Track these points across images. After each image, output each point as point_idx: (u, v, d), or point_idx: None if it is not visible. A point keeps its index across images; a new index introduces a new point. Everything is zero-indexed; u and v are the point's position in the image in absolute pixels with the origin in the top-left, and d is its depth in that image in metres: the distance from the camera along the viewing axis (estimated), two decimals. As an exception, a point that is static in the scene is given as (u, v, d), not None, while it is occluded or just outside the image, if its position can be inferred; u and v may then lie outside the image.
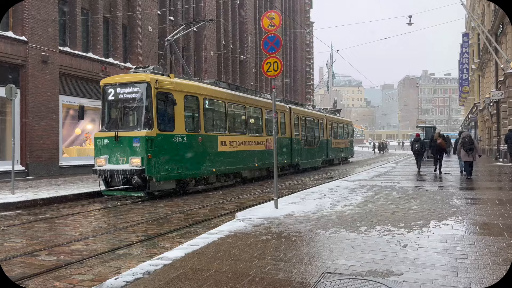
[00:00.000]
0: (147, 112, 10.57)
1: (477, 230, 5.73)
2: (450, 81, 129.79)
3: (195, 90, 12.13)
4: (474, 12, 34.03)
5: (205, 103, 12.57)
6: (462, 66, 41.61)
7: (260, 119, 16.41)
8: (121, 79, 11.22)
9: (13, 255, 5.47)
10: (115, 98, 11.11)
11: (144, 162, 10.20)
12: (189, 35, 27.43)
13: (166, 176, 10.77)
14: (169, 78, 11.27)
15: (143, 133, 10.30)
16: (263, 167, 16.16)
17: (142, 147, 10.23)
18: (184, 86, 11.67)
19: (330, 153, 25.18)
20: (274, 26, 8.07)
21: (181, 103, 11.30)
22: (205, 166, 12.26)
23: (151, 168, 10.29)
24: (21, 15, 16.56)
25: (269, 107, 16.59)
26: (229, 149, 13.60)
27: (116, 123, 11.14)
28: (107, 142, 10.79)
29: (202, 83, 13.05)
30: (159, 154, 10.53)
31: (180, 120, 11.24)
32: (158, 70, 11.45)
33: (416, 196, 9.20)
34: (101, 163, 10.82)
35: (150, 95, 10.53)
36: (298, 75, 52.19)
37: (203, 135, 12.18)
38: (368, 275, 3.86)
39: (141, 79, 10.69)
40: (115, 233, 6.78)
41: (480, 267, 4.04)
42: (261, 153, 15.93)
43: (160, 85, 10.68)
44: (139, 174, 10.22)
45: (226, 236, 5.51)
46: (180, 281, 3.78)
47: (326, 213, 7.18)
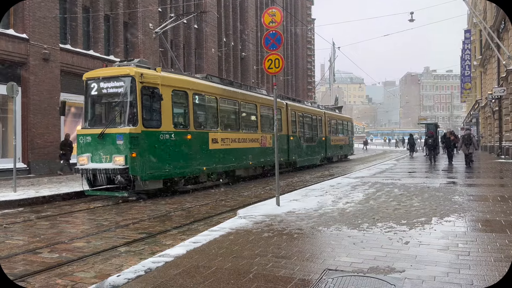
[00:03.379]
0: (132, 107, 10.10)
1: (479, 227, 5.72)
2: (452, 78, 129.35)
3: (184, 85, 11.61)
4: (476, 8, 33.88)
5: (195, 99, 12.07)
6: (464, 62, 41.49)
7: (255, 115, 15.89)
8: (104, 72, 10.70)
9: (15, 252, 5.49)
10: (98, 93, 10.61)
11: (128, 160, 9.73)
12: (190, 33, 27.40)
13: (152, 175, 10.30)
14: (155, 71, 10.79)
15: (127, 130, 9.84)
16: (258, 165, 15.74)
17: (126, 145, 9.77)
18: (171, 80, 11.14)
19: (329, 150, 24.68)
20: (275, 23, 8.04)
21: (168, 98, 10.82)
22: (194, 164, 11.73)
23: (135, 167, 9.83)
24: (22, 13, 16.55)
25: (264, 102, 16.23)
26: (221, 146, 13.09)
27: (99, 119, 10.70)
28: (89, 140, 10.30)
29: (191, 77, 12.54)
30: (144, 152, 10.07)
31: (167, 116, 10.75)
32: (144, 63, 11.00)
33: (417, 193, 9.19)
34: (83, 162, 10.32)
35: (134, 90, 10.05)
36: (299, 72, 52.09)
37: (192, 132, 11.64)
38: (370, 272, 3.86)
39: (125, 73, 10.22)
40: (117, 231, 6.79)
41: (482, 264, 4.03)
42: (256, 151, 15.46)
43: (146, 79, 10.18)
44: (123, 173, 9.77)
45: (228, 233, 5.51)
46: (181, 278, 3.79)
47: (327, 210, 7.18)
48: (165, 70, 11.42)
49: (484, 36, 27.73)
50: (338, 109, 30.90)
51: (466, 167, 17.07)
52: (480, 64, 34.82)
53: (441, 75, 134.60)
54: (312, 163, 21.83)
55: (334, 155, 26.17)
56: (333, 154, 25.70)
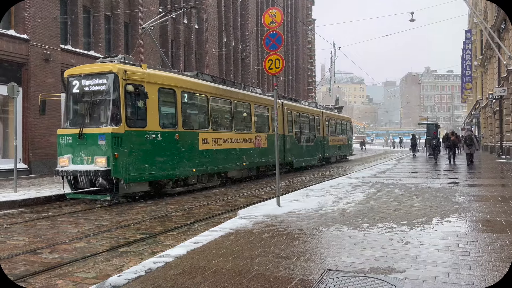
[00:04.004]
0: (114, 106, 9.61)
1: (479, 227, 5.72)
2: (453, 78, 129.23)
3: (171, 82, 11.10)
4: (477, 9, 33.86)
5: (184, 97, 11.57)
6: (465, 62, 41.47)
7: (249, 114, 15.36)
8: (86, 69, 10.23)
9: (16, 253, 5.49)
10: (79, 91, 10.10)
11: (110, 162, 9.26)
12: (191, 33, 27.40)
13: (136, 177, 9.83)
14: (140, 68, 10.27)
15: (109, 130, 9.36)
16: (252, 166, 15.30)
17: (108, 145, 9.30)
18: (158, 78, 10.65)
19: (327, 151, 24.24)
20: (275, 23, 8.05)
21: (154, 96, 10.35)
22: (183, 166, 11.25)
23: (118, 169, 9.37)
24: (23, 14, 16.58)
25: (258, 101, 15.83)
26: (212, 147, 12.57)
27: (81, 118, 10.14)
28: (70, 140, 9.84)
29: (180, 75, 11.97)
30: (128, 153, 9.60)
31: (153, 115, 10.27)
32: (129, 59, 10.51)
33: (418, 193, 9.19)
34: (64, 163, 9.84)
35: (117, 87, 9.56)
36: (300, 72, 52.09)
37: (180, 132, 11.14)
38: (370, 272, 3.86)
39: (107, 70, 9.75)
40: (118, 231, 6.79)
41: (482, 264, 4.03)
42: (250, 152, 14.97)
43: (130, 76, 9.70)
44: (105, 175, 9.29)
45: (228, 234, 5.51)
46: (182, 279, 3.79)
47: (328, 210, 7.18)
48: (151, 67, 11.00)
49: (484, 36, 27.72)
50: (338, 109, 30.86)
51: (468, 166, 17.55)
52: (480, 64, 34.79)
53: (442, 75, 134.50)
54: (310, 164, 21.41)
55: (333, 155, 25.79)
56: (331, 154, 25.31)
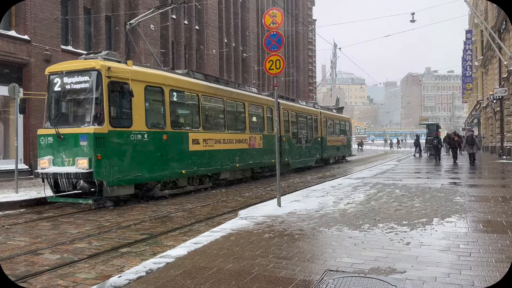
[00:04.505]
0: (97, 105, 9.17)
1: (480, 227, 5.72)
2: (453, 78, 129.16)
3: (159, 80, 10.65)
4: (477, 9, 33.84)
5: (172, 96, 11.10)
6: (465, 63, 41.45)
7: (243, 114, 14.84)
8: (68, 66, 9.80)
9: (17, 253, 5.50)
10: (61, 89, 9.66)
11: (92, 164, 8.83)
12: (191, 33, 27.42)
13: (121, 180, 9.39)
14: (125, 65, 9.84)
15: (91, 130, 8.92)
16: (246, 167, 14.80)
17: (90, 146, 8.87)
18: (144, 75, 10.21)
19: (325, 151, 23.70)
20: (276, 24, 8.06)
21: (140, 95, 9.91)
22: (172, 167, 10.82)
23: (101, 171, 8.94)
24: (24, 14, 16.60)
25: (253, 101, 15.44)
26: (203, 148, 12.10)
27: (62, 118, 9.76)
28: (51, 141, 9.42)
29: (168, 73, 11.50)
30: (112, 155, 9.18)
31: (139, 114, 9.82)
32: (114, 56, 10.11)
33: (419, 193, 9.18)
34: (44, 165, 9.40)
35: (100, 85, 9.15)
36: (300, 73, 52.08)
37: (169, 132, 10.71)
38: (370, 272, 3.86)
39: (89, 67, 9.31)
40: (118, 231, 6.80)
41: (483, 264, 4.03)
42: (244, 152, 14.50)
43: (114, 73, 9.27)
44: (86, 178, 8.87)
45: (229, 234, 5.52)
46: (183, 279, 3.79)
47: (328, 211, 7.18)
48: (137, 64, 10.61)
49: (485, 36, 27.72)
50: (339, 109, 30.79)
51: (470, 166, 18.27)
52: (481, 64, 34.78)
53: (443, 75, 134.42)
54: (307, 165, 20.94)
55: (331, 156, 25.33)
56: (329, 155, 24.83)
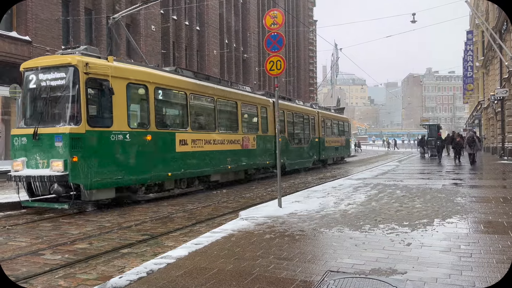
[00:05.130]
0: (74, 103, 8.61)
1: (481, 228, 5.71)
2: (454, 79, 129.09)
3: (143, 77, 10.08)
4: (478, 9, 33.82)
5: (158, 94, 10.58)
6: (466, 63, 41.43)
7: (235, 114, 14.24)
8: (43, 62, 9.21)
9: (18, 254, 5.50)
10: (36, 86, 9.10)
11: (67, 166, 8.28)
12: (192, 34, 27.45)
13: (100, 183, 8.86)
14: (105, 61, 9.27)
15: (67, 130, 8.37)
16: (239, 169, 14.27)
17: (65, 147, 8.32)
18: (126, 72, 9.65)
19: (323, 152, 23.06)
20: (277, 25, 8.07)
21: (122, 92, 9.38)
22: (156, 169, 10.31)
23: (77, 174, 8.39)
24: (25, 15, 16.64)
25: (246, 100, 14.90)
26: (191, 149, 11.55)
27: (38, 117, 9.06)
28: (25, 141, 8.88)
29: (153, 69, 10.89)
30: (90, 156, 8.64)
31: (120, 113, 9.29)
32: (93, 51, 9.56)
33: (420, 194, 9.18)
34: (18, 168, 8.86)
35: (77, 82, 8.59)
36: (301, 74, 52.10)
37: (153, 132, 10.18)
38: (371, 273, 3.86)
39: (65, 62, 8.75)
40: (119, 232, 6.80)
41: (484, 265, 4.02)
42: (237, 153, 13.94)
43: (92, 69, 8.73)
44: (61, 181, 8.31)
45: (230, 235, 5.52)
46: (183, 280, 3.79)
47: (329, 211, 7.18)
48: (118, 60, 10.05)
49: (486, 37, 27.71)
50: (340, 110, 30.76)
51: (470, 166, 18.63)
52: (482, 65, 34.75)
53: (443, 76, 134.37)
54: (304, 166, 20.29)
55: (329, 157, 24.72)
56: (328, 156, 24.21)
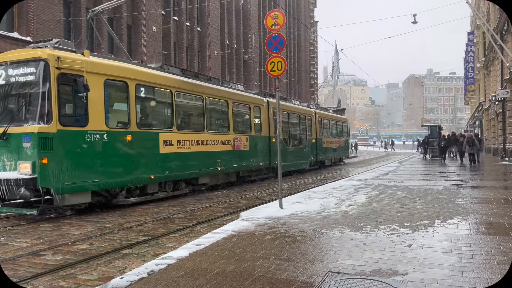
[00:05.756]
0: (44, 100, 7.94)
1: (482, 229, 5.71)
2: (456, 80, 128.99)
3: (122, 73, 9.44)
4: (479, 10, 33.80)
5: (139, 91, 10.01)
6: (468, 64, 41.38)
7: (226, 113, 13.63)
8: (12, 56, 8.58)
9: (19, 254, 5.51)
10: (5, 82, 8.43)
11: (36, 168, 7.63)
12: (193, 35, 27.48)
13: (73, 186, 8.21)
14: (80, 55, 8.61)
15: (35, 129, 7.70)
16: (230, 171, 13.63)
17: (34, 148, 7.67)
18: (103, 67, 9.00)
19: (321, 153, 22.41)
20: (278, 26, 8.08)
21: (99, 89, 8.78)
22: (138, 172, 9.69)
23: (47, 177, 7.73)
24: (26, 16, 16.67)
25: (238, 99, 14.31)
26: (177, 150, 10.99)
27: (6, 115, 8.40)
28: None
29: (135, 65, 10.29)
30: (62, 158, 8.00)
31: (97, 112, 8.67)
32: (67, 45, 8.87)
33: (421, 195, 9.17)
34: None
35: (47, 77, 7.94)
36: (302, 75, 52.13)
37: (134, 132, 9.56)
38: (372, 274, 3.85)
39: (35, 56, 8.10)
40: (120, 233, 6.81)
41: (485, 266, 4.02)
42: (227, 155, 13.31)
43: (64, 64, 8.08)
44: (29, 184, 7.63)
45: (231, 236, 5.52)
46: (184, 281, 3.80)
47: (330, 212, 7.17)
48: (97, 55, 9.55)
49: (487, 38, 27.68)
50: (341, 111, 30.73)
51: (470, 166, 19.39)
52: (483, 66, 34.73)
53: (445, 77, 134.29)
54: (300, 168, 19.52)
55: (327, 158, 24.05)
56: (325, 157, 23.53)
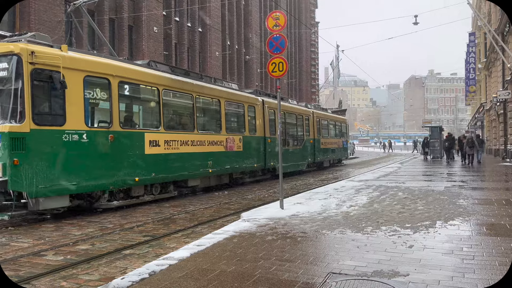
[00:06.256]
0: (16, 97, 7.41)
1: (484, 230, 5.70)
2: (457, 81, 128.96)
3: (104, 70, 8.92)
4: (481, 11, 33.78)
5: (123, 89, 9.49)
6: (469, 65, 41.35)
7: (218, 112, 13.11)
8: None
9: (20, 254, 5.52)
10: None
11: (7, 170, 7.15)
12: (194, 36, 27.51)
13: (49, 190, 7.68)
14: (57, 50, 8.08)
15: (6, 128, 7.22)
16: (222, 173, 13.11)
17: (5, 149, 7.19)
18: (83, 63, 8.47)
19: (318, 154, 21.90)
20: (279, 27, 8.09)
21: (78, 86, 8.26)
22: (121, 174, 9.14)
23: (18, 179, 7.24)
24: (28, 17, 16.70)
25: (231, 98, 13.78)
26: (164, 151, 10.46)
27: None
28: None
29: (118, 61, 9.71)
30: (36, 159, 7.50)
31: (75, 110, 8.14)
32: (43, 39, 8.29)
33: (422, 196, 9.16)
34: None
35: (21, 73, 7.43)
36: (303, 75, 52.14)
37: (116, 132, 9.02)
38: (373, 275, 3.85)
39: (7, 50, 7.57)
40: (121, 233, 6.81)
41: (487, 268, 4.02)
42: (219, 156, 12.75)
43: (39, 59, 7.58)
44: None
45: (232, 236, 5.52)
46: (185, 281, 3.80)
47: (331, 213, 7.17)
48: (76, 50, 8.97)
49: (488, 39, 27.66)
50: (341, 112, 30.73)
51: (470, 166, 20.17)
52: (484, 67, 34.71)
53: (446, 78, 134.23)
54: (297, 169, 18.99)
55: (325, 159, 23.52)
56: (323, 158, 23.03)
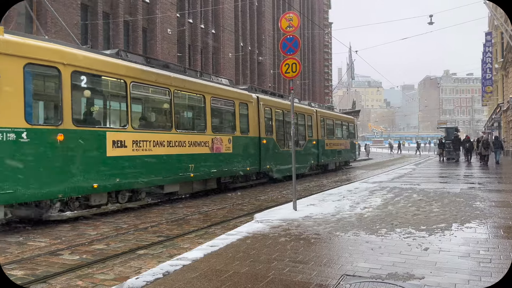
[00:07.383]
0: None
1: (501, 233, 5.60)
2: (473, 81, 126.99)
3: (53, 57, 7.47)
4: (497, 11, 33.21)
5: (77, 80, 8.04)
6: (485, 65, 40.70)
7: (203, 110, 11.74)
8: None
9: (37, 254, 5.61)
10: None
11: None
12: (208, 38, 27.64)
13: None
14: None
15: None
16: (207, 177, 11.72)
17: None
18: (24, 48, 7.09)
19: (323, 156, 20.38)
20: (292, 28, 8.08)
21: (16, 75, 6.91)
22: (74, 180, 7.75)
23: None
24: (45, 20, 17.01)
25: (217, 93, 12.31)
26: (132, 152, 9.05)
27: None
28: None
29: (74, 48, 8.19)
30: None
31: (11, 104, 6.85)
32: None
33: (437, 198, 9.04)
34: None
35: None
36: (316, 76, 51.93)
37: (67, 131, 7.61)
38: (388, 278, 3.82)
39: None
40: (136, 234, 6.88)
41: (504, 271, 3.94)
42: (204, 158, 11.41)
43: None
44: None
45: (245, 237, 5.53)
46: (199, 282, 3.82)
47: (345, 215, 7.13)
48: (19, 34, 7.55)
49: (505, 38, 27.17)
50: (355, 113, 30.53)
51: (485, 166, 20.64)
52: (501, 67, 34.09)
53: (462, 78, 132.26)
54: (299, 173, 17.05)
55: (330, 162, 21.88)
56: (328, 160, 21.43)
